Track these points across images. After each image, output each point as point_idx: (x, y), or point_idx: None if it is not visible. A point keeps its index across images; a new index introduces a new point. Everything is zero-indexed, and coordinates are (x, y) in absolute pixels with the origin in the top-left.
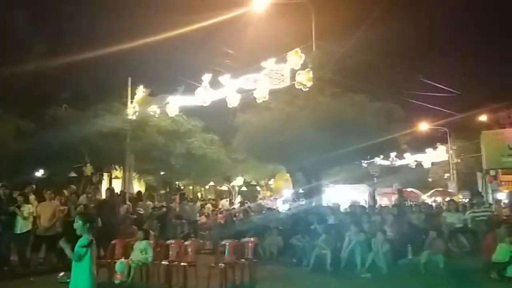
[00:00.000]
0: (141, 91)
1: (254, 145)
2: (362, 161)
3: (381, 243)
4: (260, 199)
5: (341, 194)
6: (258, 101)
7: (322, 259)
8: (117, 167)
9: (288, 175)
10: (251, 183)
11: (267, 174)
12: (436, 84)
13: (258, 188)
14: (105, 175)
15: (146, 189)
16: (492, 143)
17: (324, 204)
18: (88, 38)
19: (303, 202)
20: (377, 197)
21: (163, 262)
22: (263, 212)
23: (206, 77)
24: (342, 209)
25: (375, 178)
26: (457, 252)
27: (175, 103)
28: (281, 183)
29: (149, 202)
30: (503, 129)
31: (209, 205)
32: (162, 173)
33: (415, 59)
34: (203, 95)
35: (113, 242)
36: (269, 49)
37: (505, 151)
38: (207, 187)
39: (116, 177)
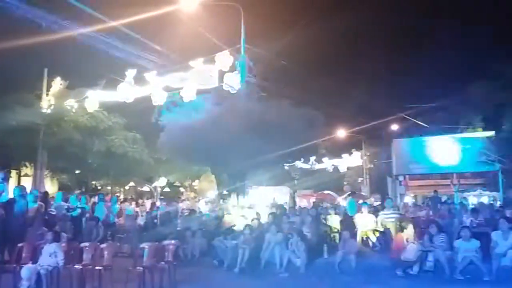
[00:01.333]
0: (58, 83)
1: (179, 145)
2: (284, 164)
3: (298, 243)
4: (183, 200)
5: (263, 196)
6: (185, 100)
7: (243, 260)
8: (27, 164)
9: (213, 176)
10: (175, 184)
11: (192, 175)
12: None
13: (181, 189)
14: (14, 173)
15: (59, 189)
16: (401, 151)
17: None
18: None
19: (226, 203)
20: (297, 199)
21: (76, 266)
22: (185, 214)
23: (130, 73)
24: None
25: (295, 181)
26: (368, 251)
27: (95, 98)
28: (205, 184)
29: (62, 203)
30: (411, 138)
31: (132, 206)
32: (77, 171)
33: (336, 67)
34: (126, 91)
35: (19, 245)
36: (198, 49)
37: (412, 159)
38: (127, 187)
39: (26, 175)
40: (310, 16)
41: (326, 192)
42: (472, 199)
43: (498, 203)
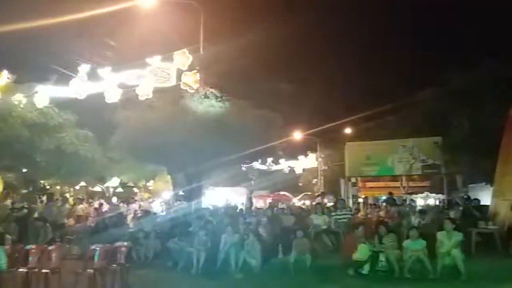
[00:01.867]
0: (5, 77)
1: (134, 144)
2: (242, 165)
3: (253, 244)
4: (136, 200)
5: (220, 196)
6: (141, 98)
7: (198, 261)
8: None
9: (168, 176)
10: (128, 184)
11: (146, 175)
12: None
13: (135, 189)
14: None
15: (4, 188)
16: (354, 154)
17: (204, 206)
18: None
19: (182, 204)
20: (254, 200)
21: (21, 270)
22: (139, 215)
23: (84, 68)
24: (219, 211)
25: (252, 182)
26: (321, 251)
27: (45, 93)
28: (161, 184)
29: (7, 202)
30: (363, 141)
31: (83, 206)
32: (24, 170)
33: (294, 68)
34: (79, 87)
35: None
36: (156, 46)
37: (364, 161)
38: (77, 187)
39: None
40: (270, 17)
41: (282, 193)
42: (420, 201)
43: (443, 205)
